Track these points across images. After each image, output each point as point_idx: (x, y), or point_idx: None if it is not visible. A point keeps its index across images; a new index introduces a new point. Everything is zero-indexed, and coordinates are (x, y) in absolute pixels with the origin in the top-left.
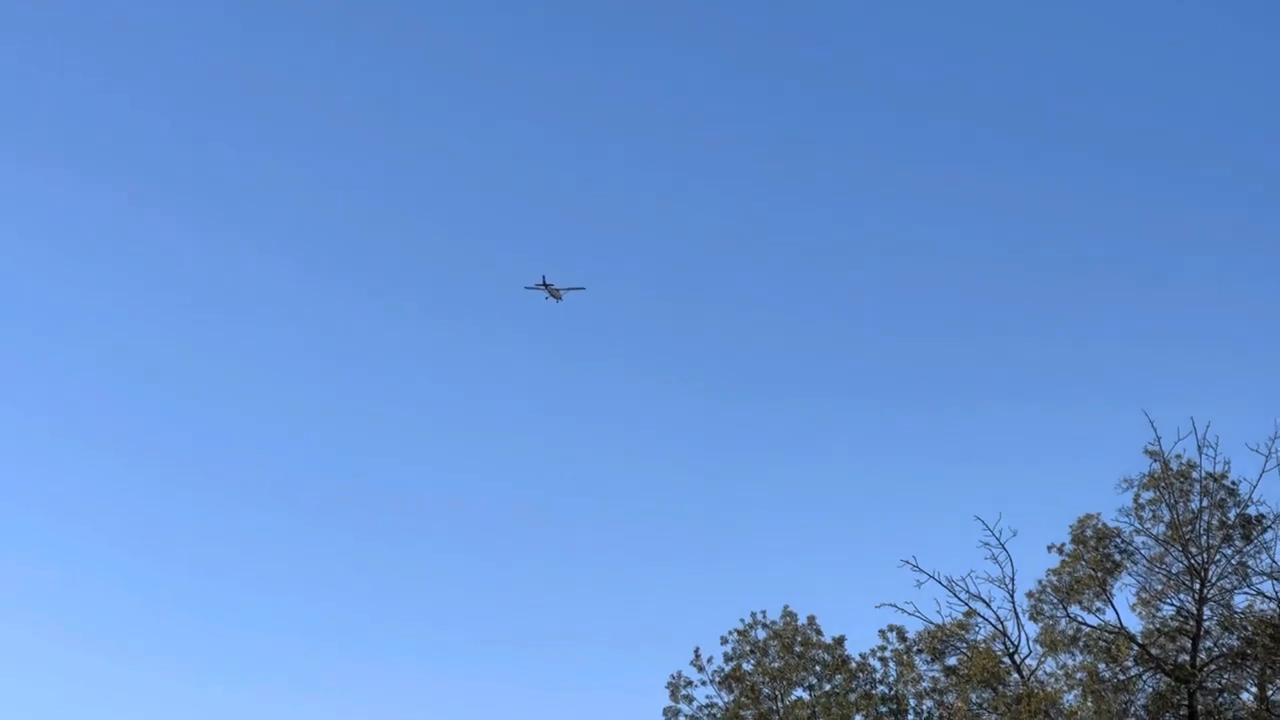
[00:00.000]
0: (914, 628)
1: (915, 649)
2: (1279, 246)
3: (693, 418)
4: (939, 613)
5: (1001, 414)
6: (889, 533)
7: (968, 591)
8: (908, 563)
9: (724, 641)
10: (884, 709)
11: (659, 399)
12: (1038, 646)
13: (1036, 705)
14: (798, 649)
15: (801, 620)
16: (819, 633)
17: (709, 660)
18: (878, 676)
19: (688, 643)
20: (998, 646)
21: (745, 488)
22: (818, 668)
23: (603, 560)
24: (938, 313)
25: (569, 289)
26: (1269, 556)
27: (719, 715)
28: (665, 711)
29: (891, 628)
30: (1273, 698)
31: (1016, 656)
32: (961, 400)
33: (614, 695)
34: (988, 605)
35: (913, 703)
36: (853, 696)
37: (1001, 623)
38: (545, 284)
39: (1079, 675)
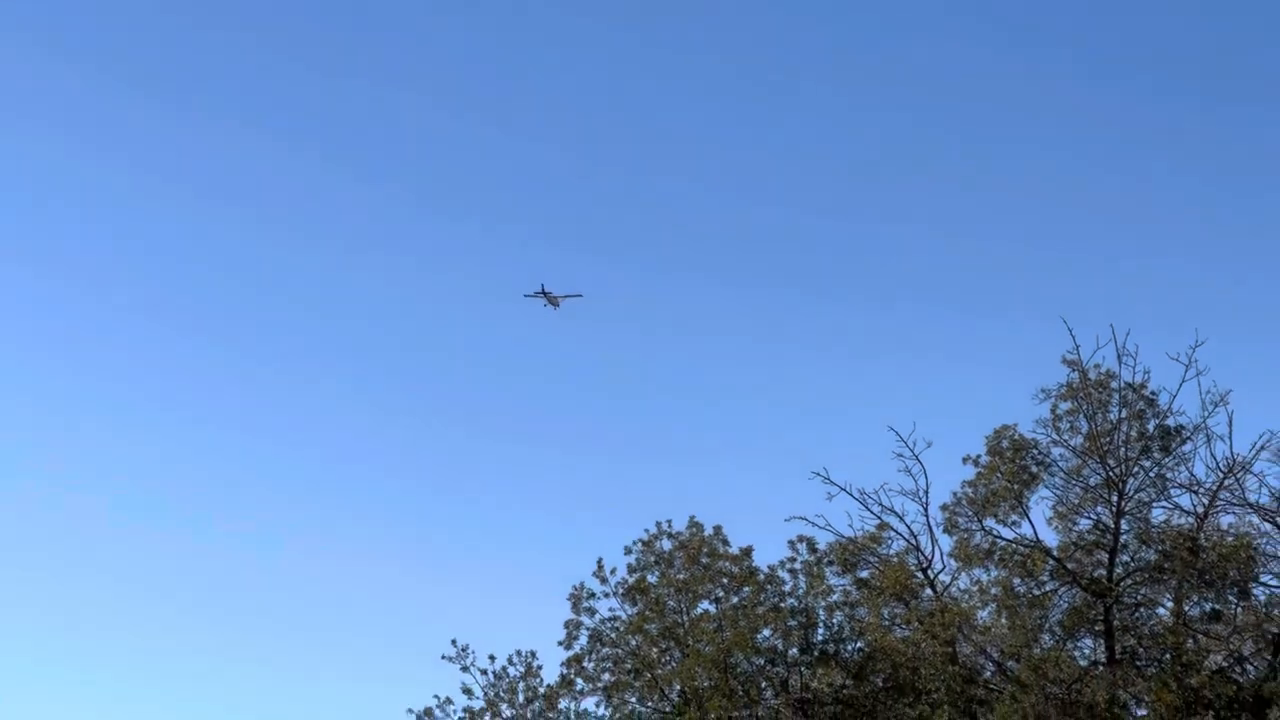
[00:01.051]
0: (825, 540)
1: (826, 561)
2: (1197, 149)
3: (597, 324)
4: (850, 526)
5: (915, 322)
6: (799, 444)
7: (880, 504)
8: (818, 475)
9: (628, 552)
10: (793, 622)
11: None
12: (951, 561)
13: (950, 619)
14: (704, 560)
15: (708, 531)
16: (726, 543)
17: (612, 572)
18: (787, 589)
19: (590, 553)
20: (911, 560)
21: (650, 395)
22: (724, 580)
23: (504, 469)
24: (855, 218)
25: (566, 296)
26: (1187, 469)
27: (622, 628)
28: (567, 624)
29: (801, 539)
30: (1189, 612)
31: (930, 571)
32: (875, 309)
33: (513, 607)
34: (900, 519)
35: (823, 616)
36: (761, 609)
37: (915, 536)
38: (544, 292)
39: (993, 590)
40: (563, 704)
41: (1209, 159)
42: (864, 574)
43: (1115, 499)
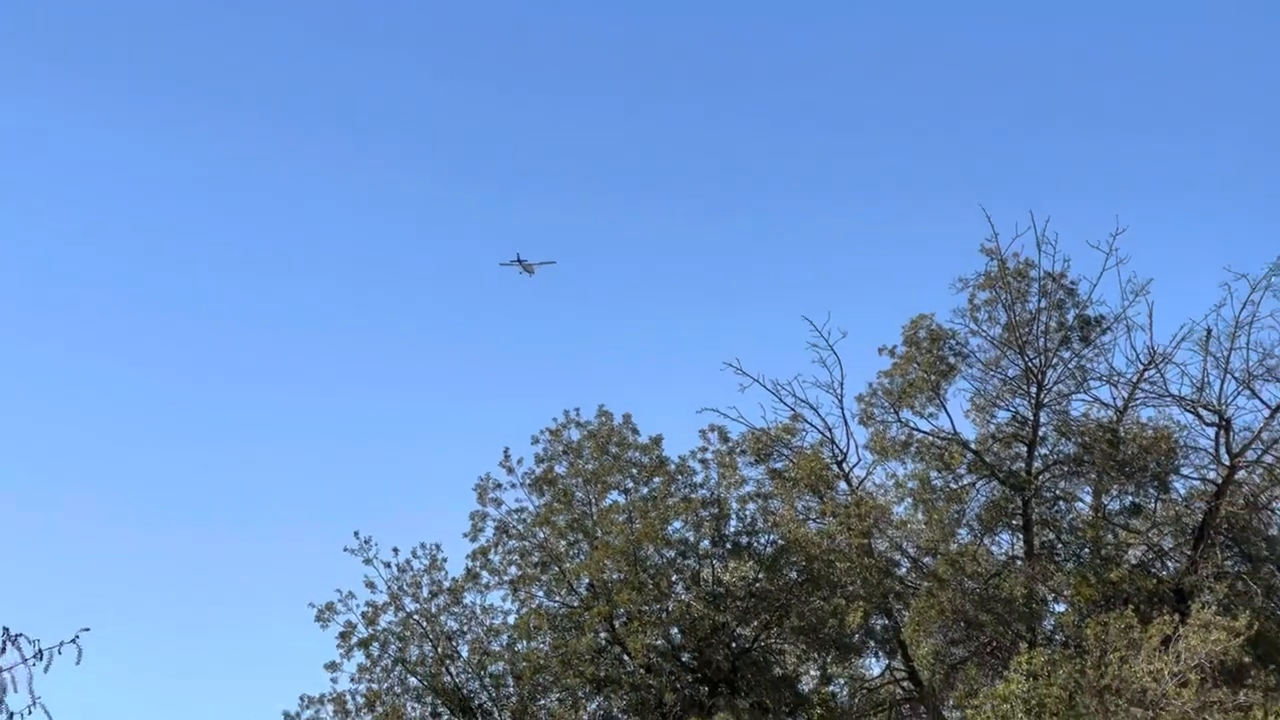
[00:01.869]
0: (737, 432)
1: (738, 450)
2: (1120, 28)
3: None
4: (763, 418)
5: (829, 209)
6: (710, 334)
7: (794, 396)
8: (730, 365)
9: (535, 441)
10: (705, 514)
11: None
12: (867, 454)
13: (865, 511)
14: (613, 450)
15: (617, 420)
16: (635, 432)
17: (519, 462)
18: (698, 480)
19: (496, 443)
20: (825, 453)
21: (556, 284)
22: (634, 470)
23: (409, 354)
24: (759, 100)
25: (541, 263)
26: (1107, 361)
27: (530, 520)
28: (472, 516)
29: (713, 428)
30: (1109, 506)
31: (844, 464)
32: (788, 197)
33: (417, 498)
34: (815, 411)
35: (735, 507)
36: (672, 501)
37: (829, 429)
38: (519, 261)
39: (910, 484)
40: (468, 598)
41: (1128, 36)
42: (778, 465)
43: (1034, 391)
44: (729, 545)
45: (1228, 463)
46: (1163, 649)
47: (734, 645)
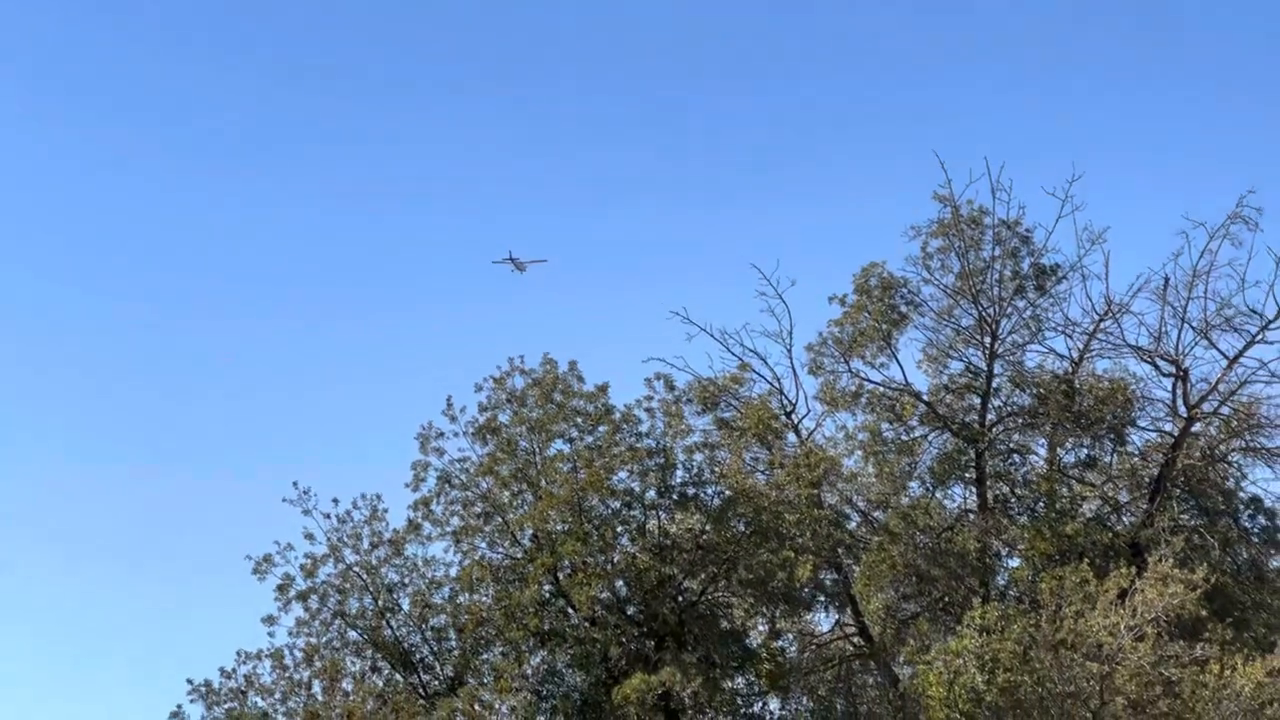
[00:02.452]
0: (684, 381)
1: (685, 399)
2: None
3: (456, 163)
4: (710, 368)
5: (779, 155)
6: (657, 282)
7: (742, 345)
8: (677, 314)
9: (478, 389)
10: (651, 464)
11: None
12: (816, 405)
13: (815, 462)
14: (557, 398)
15: (563, 368)
16: (581, 379)
17: (462, 410)
18: (644, 429)
19: (438, 391)
20: (774, 404)
21: (499, 226)
22: (579, 419)
23: (354, 298)
24: (709, 50)
25: (532, 261)
26: (1062, 311)
27: (472, 470)
28: (414, 465)
29: (659, 376)
30: (1064, 458)
31: (794, 415)
32: (736, 141)
33: (358, 447)
34: (763, 361)
35: (681, 457)
36: (617, 450)
37: (778, 380)
38: (511, 258)
39: (860, 436)
40: (409, 550)
41: None
42: (725, 415)
43: (988, 341)
44: (675, 496)
45: (1185, 414)
46: (1119, 603)
47: (681, 598)
